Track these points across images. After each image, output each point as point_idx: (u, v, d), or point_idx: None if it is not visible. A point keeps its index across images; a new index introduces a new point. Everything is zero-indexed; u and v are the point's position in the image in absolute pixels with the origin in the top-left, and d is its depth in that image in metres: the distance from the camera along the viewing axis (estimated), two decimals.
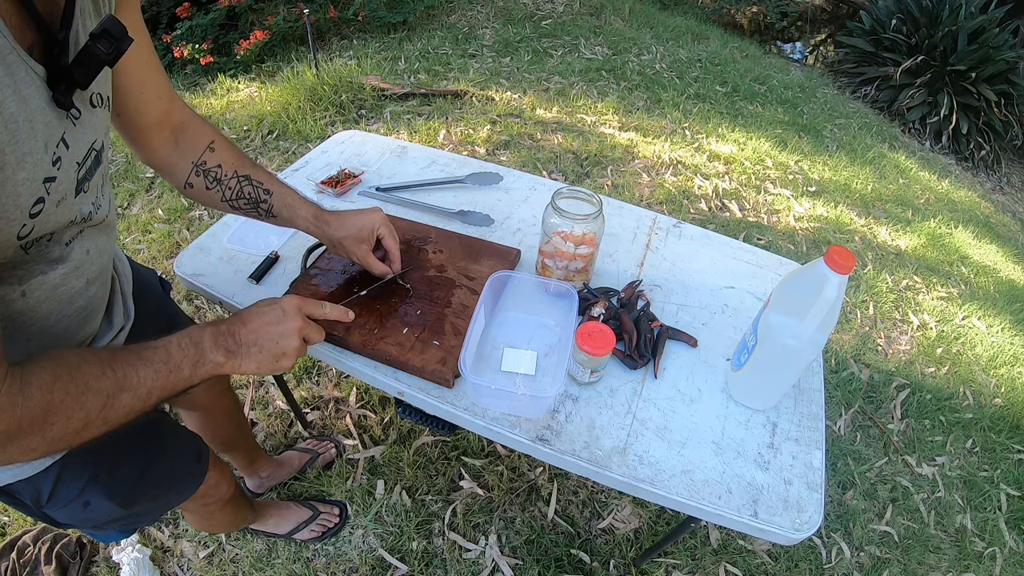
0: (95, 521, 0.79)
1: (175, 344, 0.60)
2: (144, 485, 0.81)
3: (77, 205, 0.58)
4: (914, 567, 1.53)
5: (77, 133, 0.55)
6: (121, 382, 0.55)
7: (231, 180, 0.84)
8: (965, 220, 3.05)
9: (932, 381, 2.01)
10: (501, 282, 0.97)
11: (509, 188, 1.31)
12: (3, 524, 1.45)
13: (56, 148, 0.52)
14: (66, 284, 0.61)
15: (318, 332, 0.74)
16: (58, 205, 0.54)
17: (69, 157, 0.54)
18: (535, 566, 1.40)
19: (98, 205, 0.63)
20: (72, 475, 0.70)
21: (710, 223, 2.49)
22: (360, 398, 1.74)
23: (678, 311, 1.05)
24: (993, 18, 4.12)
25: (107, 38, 0.53)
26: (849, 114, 3.98)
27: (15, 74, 0.47)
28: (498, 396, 0.86)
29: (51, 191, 0.52)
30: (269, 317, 0.68)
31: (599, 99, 3.30)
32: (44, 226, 0.53)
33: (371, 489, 1.52)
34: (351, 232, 0.90)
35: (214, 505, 1.04)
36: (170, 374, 0.59)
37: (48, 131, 0.51)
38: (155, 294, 0.95)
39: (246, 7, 3.54)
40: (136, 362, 0.57)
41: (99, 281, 0.69)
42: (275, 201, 0.87)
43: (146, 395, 0.57)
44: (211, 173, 0.83)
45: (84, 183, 0.58)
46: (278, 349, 0.68)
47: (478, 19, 4.10)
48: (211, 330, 0.64)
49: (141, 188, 2.46)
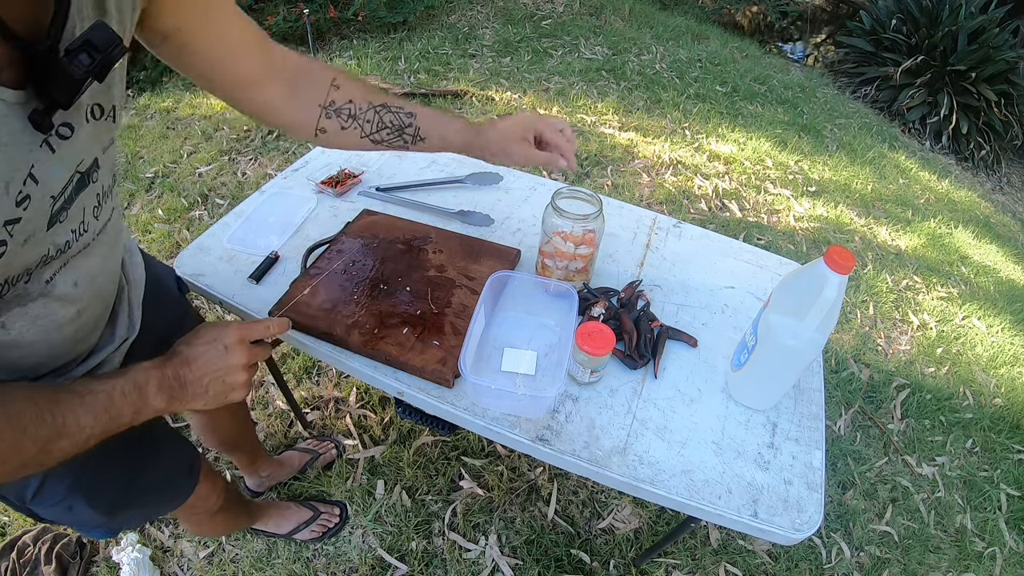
0: (80, 524, 0.79)
1: (119, 391, 0.58)
2: (129, 495, 0.79)
3: (50, 238, 0.52)
4: (914, 567, 1.53)
5: (54, 161, 0.49)
6: (60, 429, 0.53)
7: (368, 112, 0.79)
8: (965, 220, 3.05)
9: (932, 381, 2.01)
10: (501, 282, 0.97)
11: (509, 188, 1.31)
12: (3, 524, 1.45)
13: (23, 186, 0.46)
14: (50, 314, 0.58)
15: (264, 352, 0.72)
16: (24, 244, 0.49)
17: (41, 192, 0.48)
18: (535, 566, 1.40)
19: (81, 231, 0.57)
20: (55, 480, 0.69)
21: (710, 223, 2.49)
22: (360, 398, 1.74)
23: (678, 311, 1.05)
24: (993, 18, 4.12)
25: (88, 51, 0.45)
26: (849, 114, 3.98)
27: None
28: (498, 396, 0.86)
29: (14, 232, 0.46)
30: (211, 355, 0.65)
31: (599, 99, 3.30)
32: (9, 268, 0.49)
33: (371, 489, 1.52)
34: (510, 133, 0.84)
35: (203, 515, 1.03)
36: (110, 421, 0.58)
37: (10, 169, 0.44)
38: (170, 300, 0.93)
39: (246, 7, 3.54)
40: (78, 408, 0.55)
41: (93, 306, 0.65)
42: (421, 123, 0.81)
43: (84, 441, 0.56)
44: (343, 111, 0.78)
45: (61, 213, 0.52)
46: (225, 386, 0.66)
47: (478, 19, 4.10)
48: (156, 375, 0.62)
49: (141, 188, 2.46)
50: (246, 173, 2.57)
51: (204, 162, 2.62)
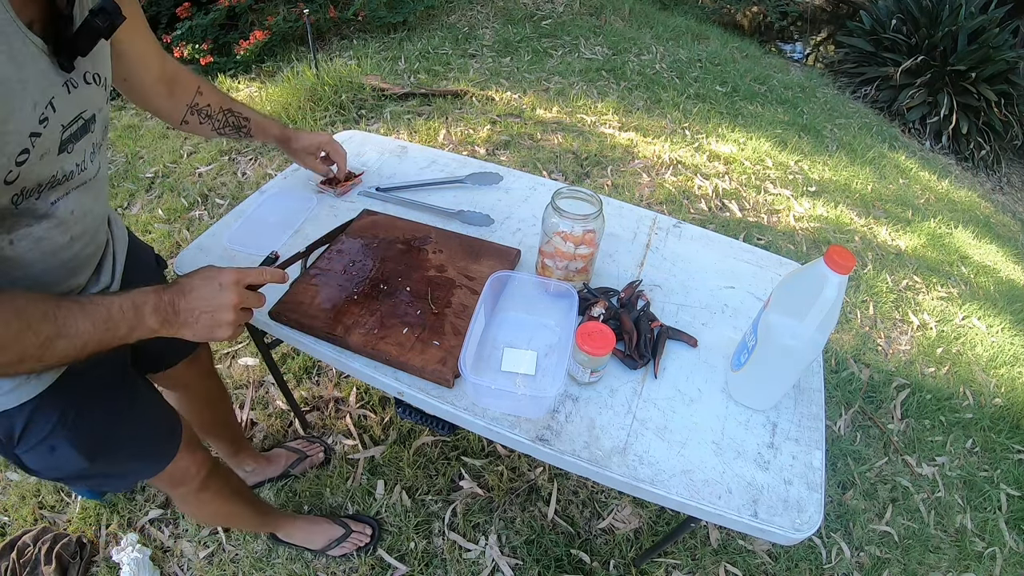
0: (61, 471, 0.81)
1: (117, 306, 0.65)
2: (110, 441, 0.82)
3: (59, 162, 0.64)
4: (914, 567, 1.53)
5: (67, 100, 0.63)
6: (60, 329, 0.60)
7: (219, 114, 1.07)
8: (965, 220, 3.06)
9: (932, 381, 2.01)
10: (501, 282, 0.97)
11: (509, 188, 1.31)
12: (3, 524, 1.45)
13: (44, 109, 0.60)
14: (50, 238, 0.68)
15: (257, 299, 0.77)
16: (41, 158, 0.61)
17: (55, 118, 0.62)
18: (535, 566, 1.40)
19: (82, 167, 0.69)
20: (43, 414, 0.73)
21: (710, 223, 2.49)
22: (360, 398, 1.74)
23: (678, 311, 1.05)
24: (993, 18, 4.12)
25: (103, 13, 0.62)
26: (849, 114, 3.98)
27: (11, 42, 0.55)
28: (498, 396, 0.86)
29: (35, 144, 0.59)
30: (207, 290, 0.71)
31: (599, 99, 3.31)
32: (28, 176, 0.60)
33: (371, 489, 1.52)
34: (303, 152, 1.18)
35: (190, 495, 1.03)
36: (107, 331, 0.64)
37: (38, 93, 0.59)
38: (148, 268, 1.02)
39: (246, 7, 3.54)
40: (78, 313, 0.62)
41: (84, 239, 0.75)
42: (252, 125, 1.12)
43: (81, 346, 0.62)
44: (203, 111, 1.04)
45: (68, 144, 0.65)
46: (213, 321, 0.72)
47: (478, 19, 4.10)
48: (153, 298, 0.68)
49: (141, 188, 2.46)
50: (246, 173, 2.57)
51: (204, 162, 2.62)
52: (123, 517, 1.46)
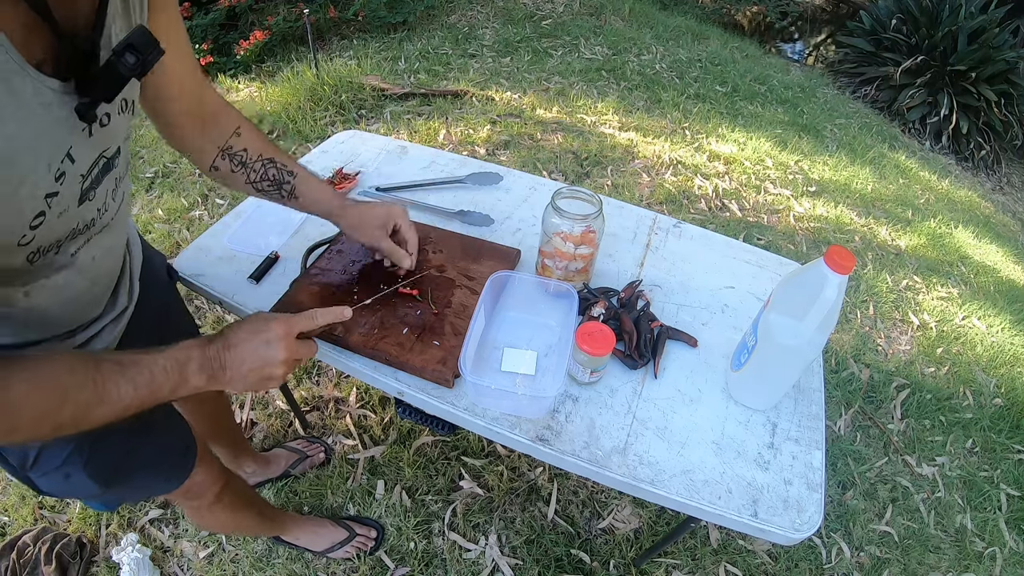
0: (76, 494, 0.80)
1: (160, 366, 0.60)
2: (125, 468, 0.80)
3: (80, 214, 0.58)
4: (914, 567, 1.53)
5: (88, 144, 0.55)
6: (101, 395, 0.55)
7: (256, 163, 0.87)
8: (965, 220, 3.05)
9: (932, 381, 2.01)
10: (501, 282, 0.97)
11: (509, 188, 1.31)
12: (3, 524, 1.45)
13: (60, 164, 0.52)
14: (69, 285, 0.63)
15: (308, 349, 0.73)
16: (60, 216, 0.55)
17: (74, 170, 0.54)
18: (535, 566, 1.40)
19: (104, 210, 0.63)
20: (56, 443, 0.71)
21: (710, 223, 2.49)
22: (360, 398, 1.74)
23: (678, 311, 1.05)
24: (993, 18, 4.12)
25: (133, 51, 0.51)
26: (849, 114, 3.98)
27: (19, 93, 0.46)
28: (498, 396, 0.86)
29: (52, 204, 0.53)
30: (255, 343, 0.67)
31: (599, 99, 3.30)
32: (46, 236, 0.54)
33: (371, 489, 1.52)
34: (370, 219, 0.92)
35: (203, 507, 1.02)
36: (150, 394, 0.60)
37: (53, 148, 0.51)
38: (159, 280, 0.97)
39: (246, 7, 3.54)
40: (119, 378, 0.57)
41: (105, 280, 0.70)
42: (298, 183, 0.89)
43: (123, 409, 0.58)
44: (237, 157, 0.86)
45: (89, 192, 0.58)
46: (263, 375, 0.68)
47: (478, 19, 4.10)
48: (198, 354, 0.64)
49: (141, 188, 2.46)
50: None
51: None
52: (123, 517, 1.46)
